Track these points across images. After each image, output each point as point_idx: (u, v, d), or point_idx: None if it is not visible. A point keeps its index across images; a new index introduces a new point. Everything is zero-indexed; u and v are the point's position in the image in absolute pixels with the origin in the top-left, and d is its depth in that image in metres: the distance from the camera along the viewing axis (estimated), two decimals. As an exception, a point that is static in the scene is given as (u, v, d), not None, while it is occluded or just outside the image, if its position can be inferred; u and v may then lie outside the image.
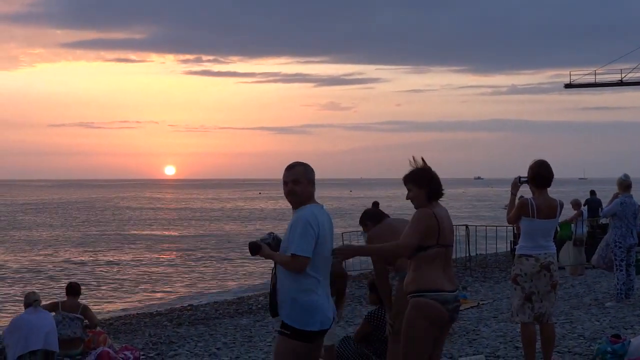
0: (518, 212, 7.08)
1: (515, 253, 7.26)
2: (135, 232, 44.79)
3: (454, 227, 5.55)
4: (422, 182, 5.16)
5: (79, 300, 10.72)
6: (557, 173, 7.22)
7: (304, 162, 5.05)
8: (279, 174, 5.10)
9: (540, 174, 7.02)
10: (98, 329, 10.83)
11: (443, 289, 4.96)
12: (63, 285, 21.59)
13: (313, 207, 4.93)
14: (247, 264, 26.83)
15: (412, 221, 5.06)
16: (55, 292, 20.46)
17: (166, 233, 44.45)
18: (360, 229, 7.00)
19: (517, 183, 7.23)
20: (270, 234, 5.03)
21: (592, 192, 23.60)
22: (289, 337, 4.87)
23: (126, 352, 9.59)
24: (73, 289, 10.85)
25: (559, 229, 16.86)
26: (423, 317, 4.96)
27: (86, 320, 10.58)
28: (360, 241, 20.63)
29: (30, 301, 9.91)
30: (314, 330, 4.86)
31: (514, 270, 7.18)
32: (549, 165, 7.09)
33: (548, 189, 7.10)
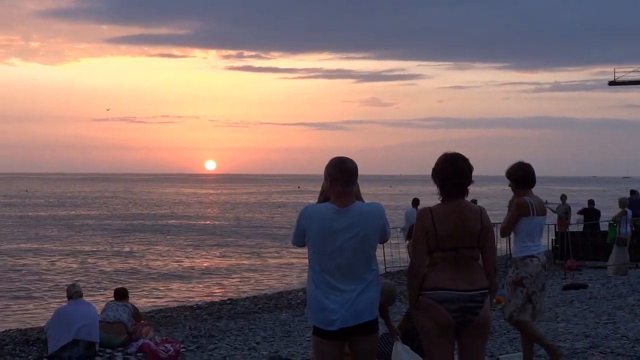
0: (519, 211, 6.97)
1: (517, 255, 7.04)
2: (176, 225, 45.13)
3: (494, 224, 5.34)
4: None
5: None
6: (600, 171, 7.22)
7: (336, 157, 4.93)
8: (319, 170, 5.08)
9: (525, 176, 7.07)
10: (143, 321, 10.97)
11: (443, 288, 4.76)
12: (102, 278, 21.97)
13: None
14: (287, 259, 26.92)
15: None
16: (98, 283, 20.74)
17: (206, 224, 44.73)
18: (400, 225, 7.00)
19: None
20: None
21: (633, 192, 23.23)
22: (313, 331, 4.90)
23: (167, 345, 9.68)
24: (120, 295, 11.02)
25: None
26: (424, 315, 4.83)
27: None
28: (400, 237, 20.60)
29: (72, 293, 10.07)
30: (316, 326, 4.80)
31: (518, 273, 6.95)
32: (529, 165, 7.13)
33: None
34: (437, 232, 4.79)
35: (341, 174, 4.79)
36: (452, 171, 4.83)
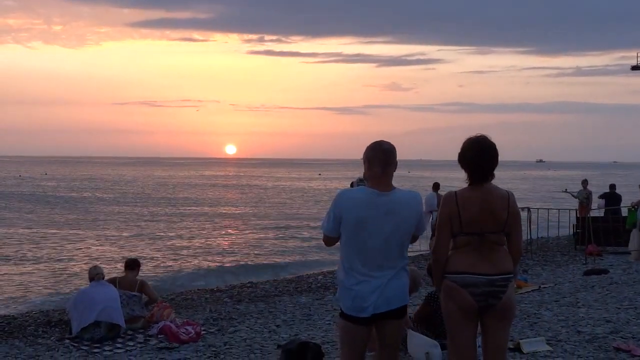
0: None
1: None
2: (196, 208, 45.30)
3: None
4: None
5: (136, 277, 10.91)
6: (622, 157, 7.13)
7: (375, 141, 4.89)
8: (339, 154, 5.09)
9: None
10: (164, 303, 11.04)
11: (466, 272, 4.76)
12: (123, 260, 22.03)
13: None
14: (307, 242, 26.95)
15: None
16: (119, 266, 20.88)
17: (225, 210, 44.84)
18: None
19: None
20: None
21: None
22: (340, 314, 4.89)
23: (188, 327, 9.75)
24: (131, 265, 11.06)
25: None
26: (447, 299, 4.84)
27: (145, 296, 10.79)
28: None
29: (93, 275, 10.16)
30: (345, 312, 4.78)
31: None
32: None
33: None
34: (461, 216, 4.76)
35: (378, 154, 4.76)
36: (478, 155, 4.79)
